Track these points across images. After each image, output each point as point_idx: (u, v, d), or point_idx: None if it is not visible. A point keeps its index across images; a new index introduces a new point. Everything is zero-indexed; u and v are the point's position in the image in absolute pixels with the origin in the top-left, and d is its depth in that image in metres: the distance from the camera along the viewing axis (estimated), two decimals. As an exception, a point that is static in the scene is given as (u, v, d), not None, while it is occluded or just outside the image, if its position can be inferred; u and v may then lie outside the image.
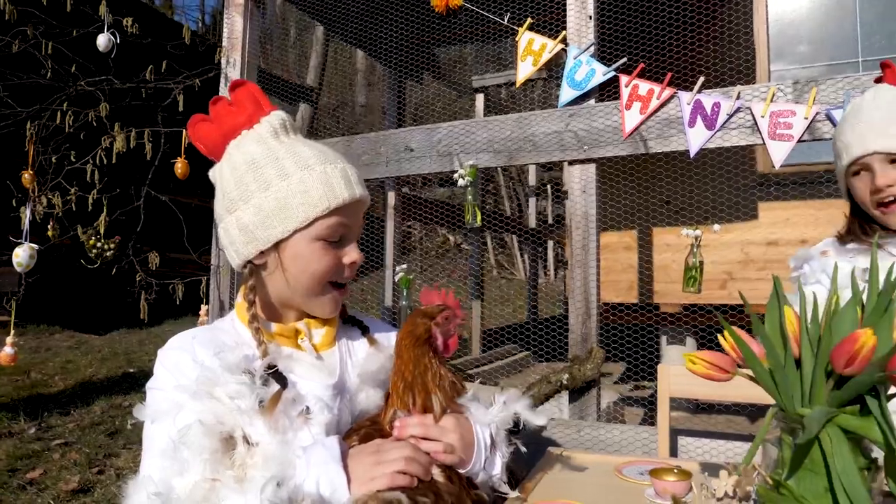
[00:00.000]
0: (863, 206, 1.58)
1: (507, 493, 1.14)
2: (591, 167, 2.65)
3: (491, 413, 1.15)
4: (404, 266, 2.92)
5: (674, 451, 2.26)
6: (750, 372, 0.87)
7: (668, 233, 4.63)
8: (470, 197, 2.79)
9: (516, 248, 11.83)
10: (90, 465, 3.58)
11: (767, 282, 0.89)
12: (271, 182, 1.10)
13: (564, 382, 2.43)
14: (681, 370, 1.94)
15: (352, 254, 1.16)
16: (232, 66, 3.60)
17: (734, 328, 0.85)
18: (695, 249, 2.39)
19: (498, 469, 1.13)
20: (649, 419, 3.80)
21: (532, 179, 7.38)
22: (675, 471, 1.18)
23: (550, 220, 9.39)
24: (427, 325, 1.13)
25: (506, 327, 6.93)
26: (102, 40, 3.57)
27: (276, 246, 1.12)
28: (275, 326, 1.17)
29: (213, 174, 1.18)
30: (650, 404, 4.22)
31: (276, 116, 1.15)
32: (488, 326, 6.47)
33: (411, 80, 5.61)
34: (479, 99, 6.20)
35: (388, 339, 1.29)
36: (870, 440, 0.77)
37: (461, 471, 1.07)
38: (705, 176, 4.34)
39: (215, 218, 1.19)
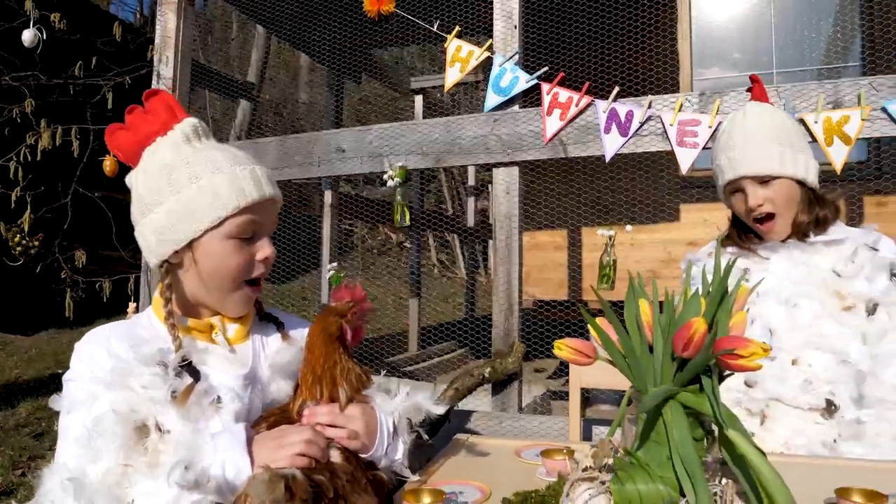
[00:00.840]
0: (740, 217, 1.74)
1: (408, 477, 1.24)
2: (515, 170, 2.77)
3: (394, 402, 1.24)
4: (335, 264, 2.99)
5: (588, 438, 2.40)
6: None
7: (593, 233, 4.82)
8: (399, 197, 2.88)
9: (458, 247, 11.98)
10: (13, 468, 3.51)
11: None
12: (183, 185, 1.16)
13: (486, 376, 2.55)
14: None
15: (264, 249, 1.23)
16: (165, 63, 3.59)
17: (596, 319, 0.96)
18: (608, 248, 2.54)
19: (400, 454, 1.22)
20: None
21: (471, 179, 7.50)
22: (564, 451, 1.29)
23: (491, 220, 9.56)
24: (338, 322, 1.21)
25: (444, 325, 7.04)
26: (28, 36, 3.51)
27: (190, 245, 1.18)
28: (190, 321, 1.23)
29: (129, 180, 1.24)
30: (578, 397, 4.39)
31: (189, 123, 1.21)
32: (426, 324, 6.57)
33: (349, 79, 5.65)
34: (418, 100, 6.29)
35: (302, 334, 1.36)
36: (703, 414, 0.89)
37: (364, 455, 1.15)
38: (632, 178, 4.54)
39: (132, 221, 1.24)
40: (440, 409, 1.27)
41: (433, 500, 1.10)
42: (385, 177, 2.88)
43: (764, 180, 1.67)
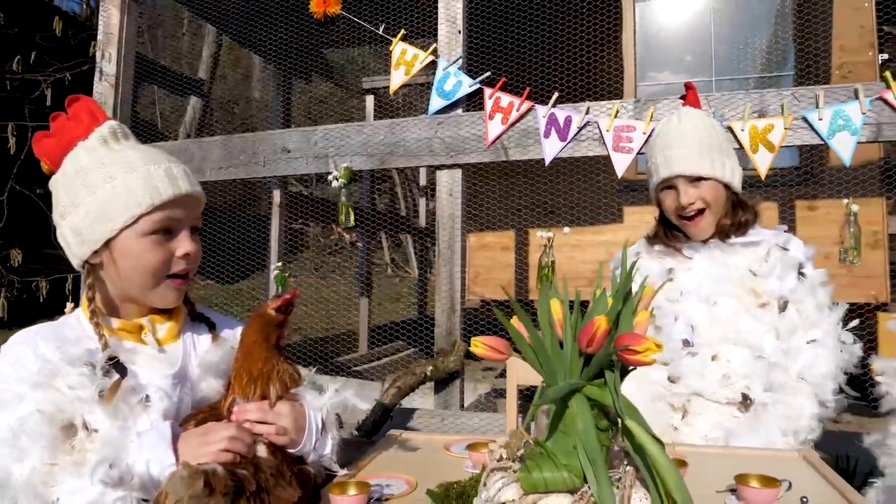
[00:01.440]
0: (668, 216, 1.82)
1: (337, 471, 1.27)
2: (458, 172, 2.82)
3: (323, 399, 1.27)
4: (279, 264, 3.00)
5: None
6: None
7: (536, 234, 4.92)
8: (343, 198, 2.90)
9: (410, 247, 12.01)
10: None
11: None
12: (98, 186, 1.18)
13: (428, 374, 2.59)
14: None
15: (184, 245, 1.25)
16: (108, 60, 3.53)
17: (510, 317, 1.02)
18: (547, 250, 2.61)
19: (328, 449, 1.26)
20: (519, 408, 4.04)
21: (423, 179, 7.55)
22: (489, 445, 1.35)
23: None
24: (276, 330, 1.24)
25: (394, 324, 7.06)
26: (-39, 28, 3.41)
27: (108, 244, 1.20)
28: (118, 322, 1.24)
29: (51, 185, 1.25)
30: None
31: (108, 126, 1.23)
32: (377, 323, 6.59)
33: (299, 79, 5.63)
34: (370, 101, 6.31)
35: (233, 334, 1.38)
36: (605, 406, 0.95)
37: (293, 450, 1.18)
38: (578, 181, 4.65)
39: (54, 224, 1.26)
40: (366, 405, 1.31)
41: (358, 491, 1.14)
42: (330, 177, 2.90)
43: (695, 180, 1.75)
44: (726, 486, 1.20)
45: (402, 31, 2.95)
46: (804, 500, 1.11)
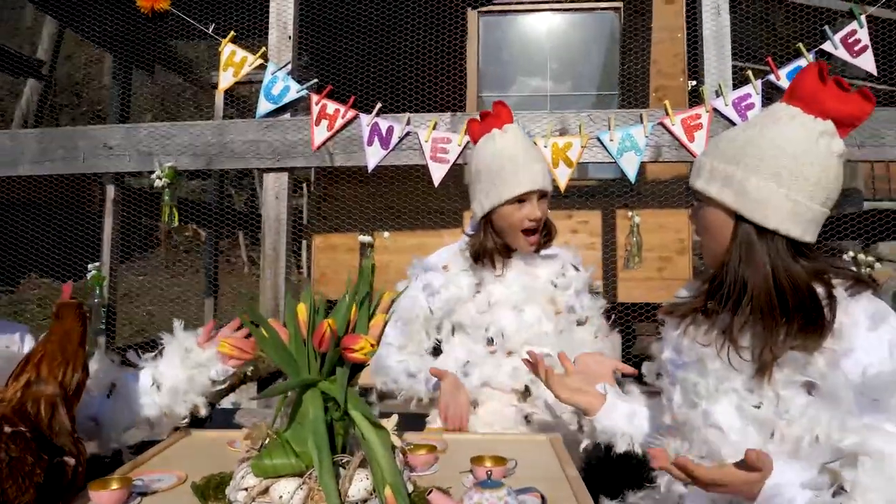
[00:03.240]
0: (506, 230, 1.85)
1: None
2: (284, 176, 2.88)
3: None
4: (97, 264, 2.91)
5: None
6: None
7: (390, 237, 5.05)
8: (167, 198, 2.87)
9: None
10: None
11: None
12: None
13: (249, 374, 2.63)
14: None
15: None
16: None
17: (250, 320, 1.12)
18: (369, 253, 2.73)
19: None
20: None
21: (278, 178, 7.46)
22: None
23: (306, 220, 9.52)
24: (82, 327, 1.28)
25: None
26: None
27: None
28: None
29: None
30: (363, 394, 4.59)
31: None
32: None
33: (140, 70, 5.41)
34: (220, 96, 6.16)
35: (12, 339, 1.38)
36: (335, 399, 1.07)
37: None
38: (423, 186, 4.82)
39: None
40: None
41: (119, 486, 1.19)
42: (153, 177, 2.85)
43: (542, 196, 1.85)
44: (469, 468, 1.36)
45: (232, 33, 2.95)
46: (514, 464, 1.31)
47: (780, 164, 1.11)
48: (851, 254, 2.88)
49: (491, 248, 1.86)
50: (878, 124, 2.85)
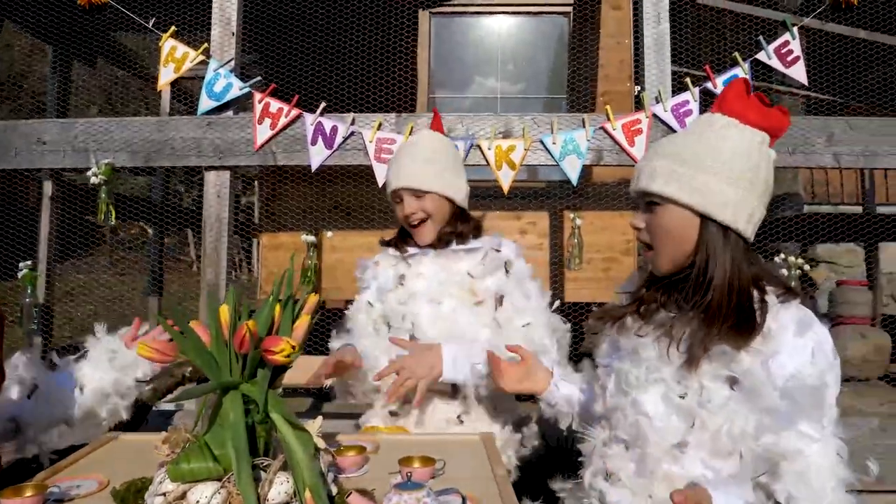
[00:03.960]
0: (401, 223, 1.99)
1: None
2: (226, 174, 2.84)
3: None
4: (29, 262, 2.82)
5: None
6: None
7: (337, 236, 5.01)
8: (104, 195, 2.80)
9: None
10: None
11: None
12: None
13: (187, 375, 2.59)
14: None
15: None
16: None
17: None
18: (311, 252, 2.71)
19: None
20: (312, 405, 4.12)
21: (227, 176, 7.33)
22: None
23: (257, 218, 9.38)
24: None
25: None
26: None
27: None
28: None
29: None
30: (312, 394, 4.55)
31: None
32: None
33: (81, 62, 5.25)
34: (166, 92, 6.01)
35: None
36: (256, 401, 1.06)
37: None
38: (373, 185, 4.80)
39: None
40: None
41: (34, 493, 1.16)
42: (89, 173, 2.78)
43: (418, 193, 1.93)
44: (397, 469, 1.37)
45: (173, 28, 2.90)
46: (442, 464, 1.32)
47: (739, 167, 1.18)
48: (783, 256, 2.97)
49: (395, 239, 2.02)
50: (809, 132, 2.96)
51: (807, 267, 2.89)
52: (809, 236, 6.00)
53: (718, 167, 1.18)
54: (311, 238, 2.71)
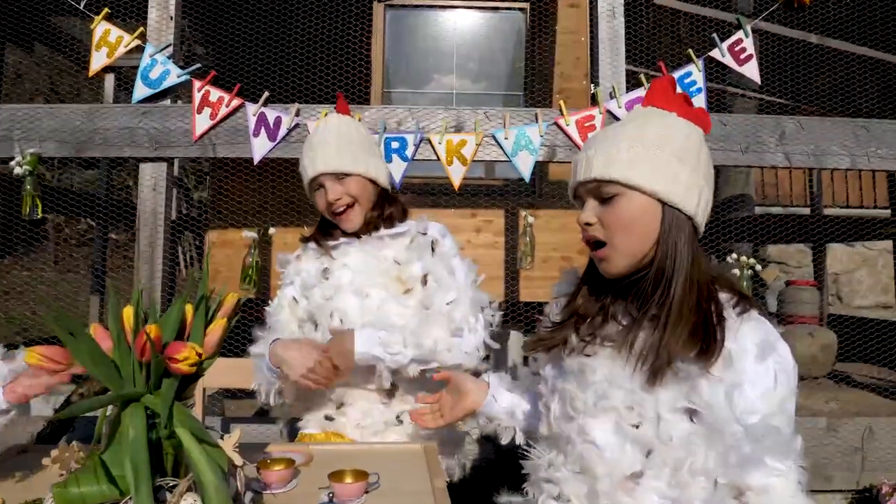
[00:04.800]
0: (323, 213, 1.87)
1: None
2: (163, 166, 2.69)
3: None
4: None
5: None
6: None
7: (288, 233, 4.85)
8: (29, 187, 2.62)
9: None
10: None
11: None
12: None
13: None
14: (220, 362, 2.09)
15: None
16: None
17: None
18: (252, 250, 2.58)
19: None
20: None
21: (175, 168, 7.09)
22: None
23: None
24: None
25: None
26: None
27: None
28: None
29: None
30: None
31: None
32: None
33: (16, 46, 4.99)
34: (109, 79, 5.76)
35: None
36: (158, 413, 0.95)
37: None
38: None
39: None
40: None
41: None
42: (12, 164, 2.60)
43: (340, 177, 1.82)
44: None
45: (106, 10, 2.73)
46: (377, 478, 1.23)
47: (695, 155, 1.09)
48: (735, 256, 2.96)
49: (317, 232, 1.90)
50: (761, 131, 2.95)
51: (758, 267, 2.87)
52: (761, 237, 6.09)
53: (679, 153, 1.08)
54: (254, 234, 2.58)
